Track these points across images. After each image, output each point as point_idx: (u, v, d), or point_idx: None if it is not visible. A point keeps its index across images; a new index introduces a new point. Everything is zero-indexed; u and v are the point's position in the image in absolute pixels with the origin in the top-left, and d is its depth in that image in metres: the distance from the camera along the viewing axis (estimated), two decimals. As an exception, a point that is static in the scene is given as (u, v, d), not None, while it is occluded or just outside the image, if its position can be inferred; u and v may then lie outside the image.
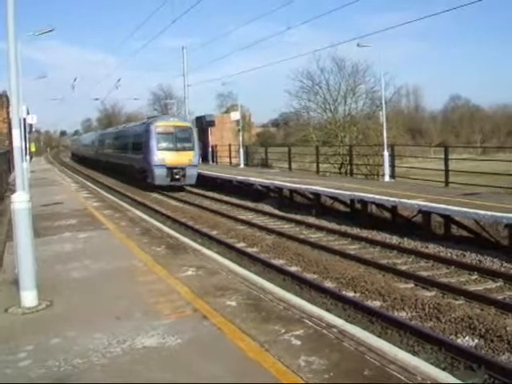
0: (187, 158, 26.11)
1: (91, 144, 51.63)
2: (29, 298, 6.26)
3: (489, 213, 11.79)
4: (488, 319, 7.49)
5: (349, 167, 28.08)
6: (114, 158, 36.58)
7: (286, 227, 16.11)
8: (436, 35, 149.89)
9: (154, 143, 25.93)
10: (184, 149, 26.29)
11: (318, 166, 27.78)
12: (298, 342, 4.99)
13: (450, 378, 4.45)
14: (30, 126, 32.18)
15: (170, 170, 25.70)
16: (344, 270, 10.49)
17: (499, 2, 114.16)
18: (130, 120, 67.68)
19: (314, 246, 13.02)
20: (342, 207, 19.59)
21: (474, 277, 10.02)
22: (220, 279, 7.41)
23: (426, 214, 13.79)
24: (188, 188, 27.30)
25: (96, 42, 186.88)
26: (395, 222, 16.23)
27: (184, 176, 26.02)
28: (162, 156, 25.64)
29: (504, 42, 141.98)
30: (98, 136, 48.51)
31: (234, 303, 6.26)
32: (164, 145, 26.07)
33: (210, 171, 28.58)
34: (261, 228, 15.69)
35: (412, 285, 9.59)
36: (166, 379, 4.33)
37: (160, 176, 25.58)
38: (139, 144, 28.03)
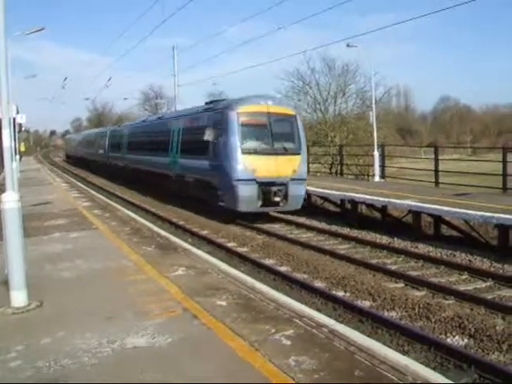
0: (290, 166, 15.97)
1: (98, 144, 40.27)
2: (19, 298, 6.22)
3: (478, 213, 11.86)
4: (478, 319, 7.54)
5: (339, 167, 28.16)
6: (147, 165, 25.13)
7: (277, 227, 16.10)
8: (427, 36, 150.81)
9: (235, 142, 15.62)
10: (285, 152, 16.09)
11: (308, 166, 27.79)
12: (288, 342, 5.00)
13: (440, 378, 4.47)
14: (20, 125, 31.92)
15: (264, 187, 15.57)
16: (334, 269, 10.52)
17: (489, 4, 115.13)
18: (122, 120, 65.98)
19: (304, 245, 13.04)
20: (332, 207, 19.63)
21: (463, 276, 10.08)
22: (210, 279, 7.41)
23: (416, 213, 13.85)
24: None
25: (87, 42, 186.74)
26: (385, 222, 16.30)
27: (285, 197, 15.89)
28: (250, 164, 15.49)
29: (495, 44, 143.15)
30: (111, 132, 36.63)
31: (224, 303, 6.26)
32: (253, 145, 15.89)
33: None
34: (251, 228, 15.69)
35: (402, 284, 9.63)
36: (156, 379, 4.32)
37: (247, 198, 15.45)
38: (203, 143, 17.06)
